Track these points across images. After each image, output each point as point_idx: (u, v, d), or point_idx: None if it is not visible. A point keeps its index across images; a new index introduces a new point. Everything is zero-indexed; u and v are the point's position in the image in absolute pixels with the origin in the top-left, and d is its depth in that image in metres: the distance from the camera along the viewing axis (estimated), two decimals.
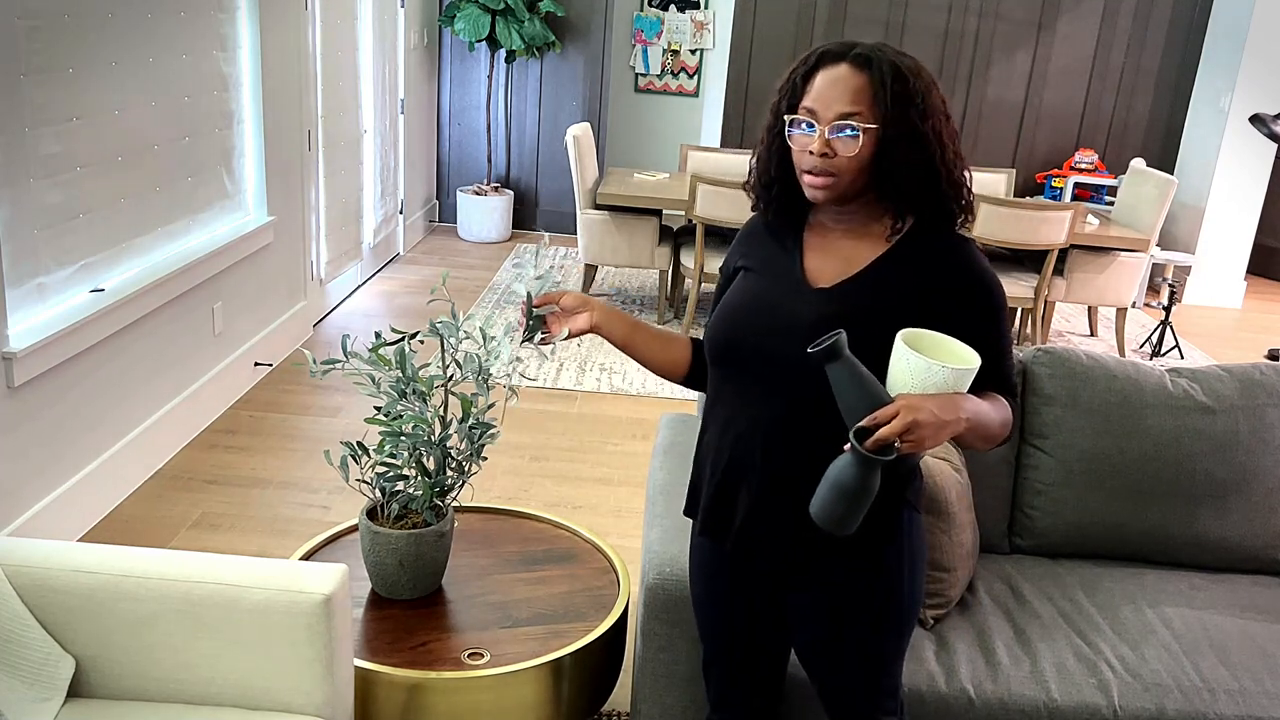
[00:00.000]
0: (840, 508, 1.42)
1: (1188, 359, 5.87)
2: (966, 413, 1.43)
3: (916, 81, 1.55)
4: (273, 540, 3.31)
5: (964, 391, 1.45)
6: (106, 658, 1.82)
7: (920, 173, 1.56)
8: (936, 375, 1.41)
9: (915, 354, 1.41)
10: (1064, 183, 7.36)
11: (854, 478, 1.40)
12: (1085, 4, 7.48)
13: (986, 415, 1.50)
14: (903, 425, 1.37)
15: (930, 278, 1.58)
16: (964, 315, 1.58)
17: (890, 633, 1.72)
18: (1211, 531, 2.49)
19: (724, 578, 1.78)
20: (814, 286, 1.62)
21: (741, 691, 1.88)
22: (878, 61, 1.54)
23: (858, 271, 1.61)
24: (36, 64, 2.91)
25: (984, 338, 1.58)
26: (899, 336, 1.44)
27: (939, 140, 1.56)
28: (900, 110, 1.53)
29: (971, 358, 1.46)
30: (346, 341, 2.18)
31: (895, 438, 1.38)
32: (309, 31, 4.90)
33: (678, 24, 7.54)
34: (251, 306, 4.45)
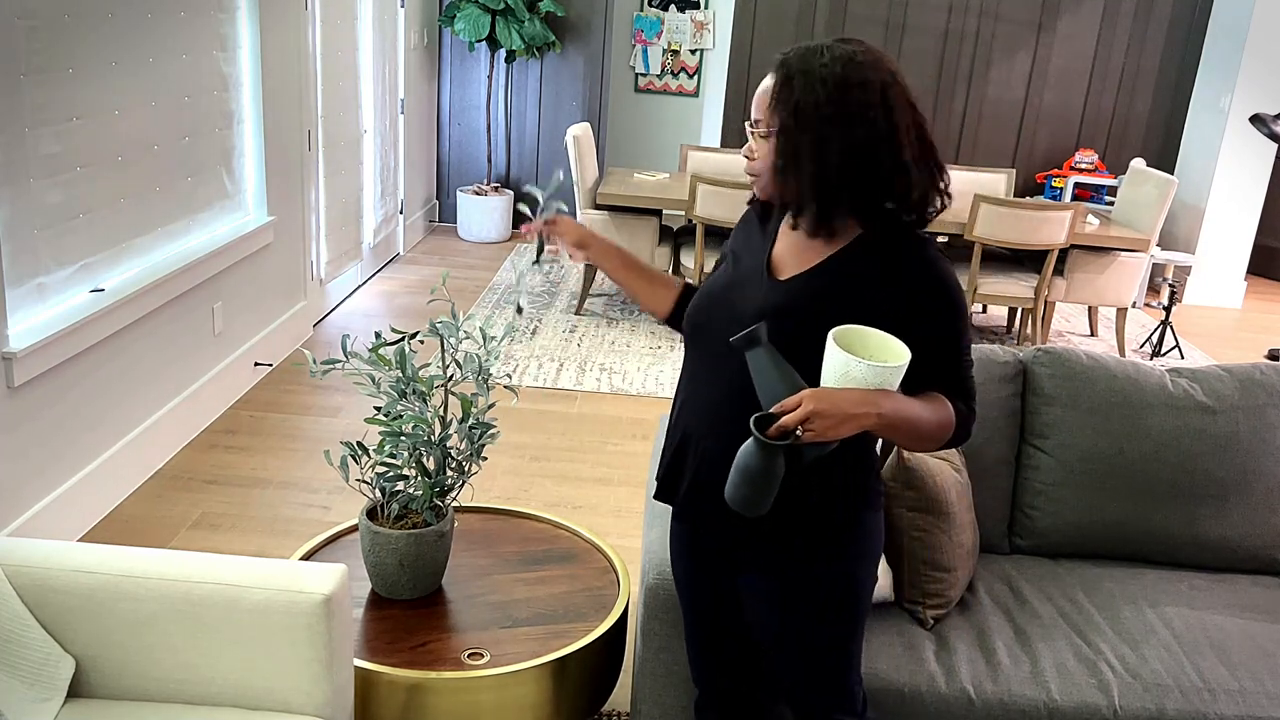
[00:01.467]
0: (745, 490, 1.49)
1: (1188, 359, 5.87)
2: (880, 409, 1.46)
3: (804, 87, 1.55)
4: (273, 540, 3.31)
5: (890, 388, 1.48)
6: (106, 658, 1.82)
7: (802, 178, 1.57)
8: (855, 370, 1.45)
9: (836, 349, 1.46)
10: (1064, 183, 7.36)
11: (756, 462, 1.46)
12: (1085, 4, 7.48)
13: (912, 414, 1.52)
14: (803, 414, 1.43)
15: (885, 277, 1.60)
16: (918, 315, 1.59)
17: (834, 626, 1.74)
18: (1211, 531, 2.49)
19: (690, 557, 1.86)
20: (774, 277, 1.68)
21: (713, 672, 1.95)
22: (784, 65, 1.59)
23: (811, 266, 1.65)
24: (36, 64, 2.91)
25: (936, 339, 1.59)
26: (830, 334, 1.49)
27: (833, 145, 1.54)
28: (793, 115, 1.56)
29: (899, 355, 1.49)
30: (346, 341, 2.18)
31: (796, 426, 1.43)
32: (309, 31, 4.90)
33: (678, 24, 7.54)
34: (251, 306, 4.45)
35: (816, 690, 1.81)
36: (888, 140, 1.55)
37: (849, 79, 1.54)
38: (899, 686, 2.04)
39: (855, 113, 1.54)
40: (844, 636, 1.77)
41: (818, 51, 1.57)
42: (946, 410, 1.60)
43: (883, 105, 1.54)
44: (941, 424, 1.58)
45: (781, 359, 1.48)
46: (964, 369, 1.64)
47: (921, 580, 2.21)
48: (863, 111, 1.54)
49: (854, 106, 1.54)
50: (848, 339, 1.51)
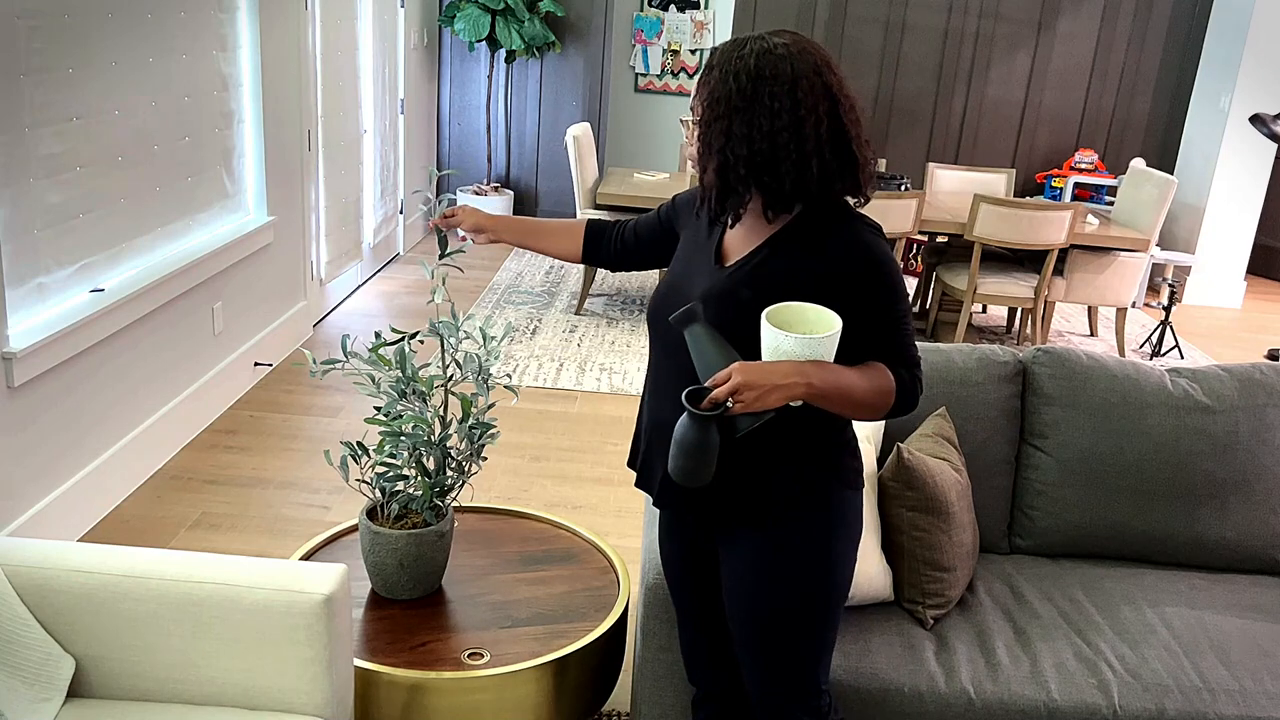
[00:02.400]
0: (681, 461, 1.54)
1: (1188, 359, 5.87)
2: (809, 378, 1.53)
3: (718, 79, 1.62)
4: (273, 540, 3.31)
5: (824, 358, 1.55)
6: (106, 658, 1.82)
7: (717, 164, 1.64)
8: (785, 344, 1.52)
9: (766, 325, 1.53)
10: (1064, 183, 7.36)
11: (690, 434, 1.52)
12: (1085, 4, 7.48)
13: (844, 383, 1.58)
14: (731, 386, 1.50)
15: (820, 254, 1.65)
16: (853, 289, 1.64)
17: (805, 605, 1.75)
18: (1211, 531, 2.49)
19: (674, 544, 1.92)
20: (720, 264, 1.74)
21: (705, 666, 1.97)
22: (710, 56, 1.68)
23: (750, 250, 1.71)
24: (36, 64, 2.91)
25: (871, 310, 1.64)
26: (764, 312, 1.56)
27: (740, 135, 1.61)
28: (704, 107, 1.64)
29: (827, 326, 1.56)
30: (346, 341, 2.18)
31: (725, 398, 1.50)
32: (309, 31, 4.90)
33: (678, 24, 7.54)
34: (251, 306, 4.45)
35: (781, 684, 1.81)
36: (791, 132, 1.60)
37: (760, 71, 1.60)
38: (899, 686, 2.04)
39: (761, 103, 1.60)
40: (814, 620, 1.77)
41: (741, 44, 1.65)
42: (885, 378, 1.64)
43: (789, 96, 1.60)
44: (879, 390, 1.63)
45: (718, 335, 1.56)
46: (902, 337, 1.68)
47: (921, 580, 2.21)
48: (770, 103, 1.60)
49: (762, 98, 1.60)
50: (784, 316, 1.58)
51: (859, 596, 2.20)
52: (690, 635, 1.98)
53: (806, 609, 1.76)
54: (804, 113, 1.60)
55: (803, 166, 1.61)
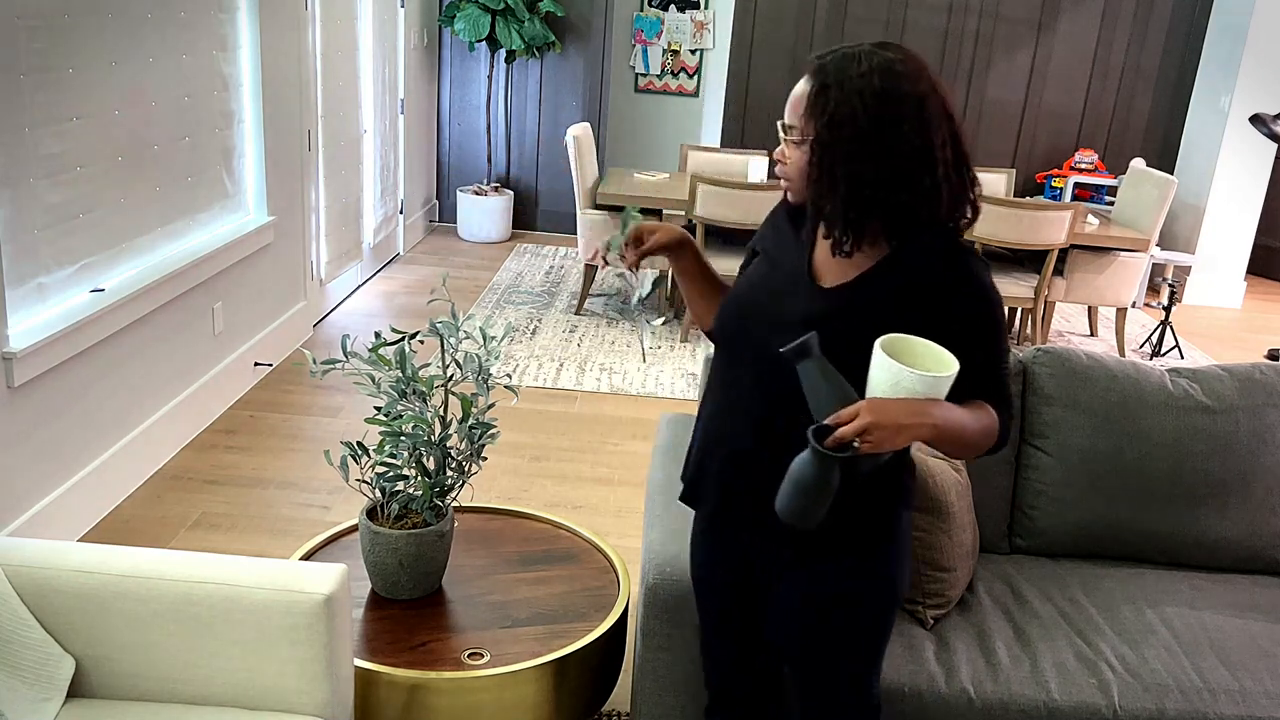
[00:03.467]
0: (799, 502, 1.46)
1: (1188, 359, 5.87)
2: (934, 419, 1.45)
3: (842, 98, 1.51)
4: (273, 540, 3.31)
5: (939, 397, 1.46)
6: (106, 658, 1.82)
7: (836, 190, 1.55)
8: (906, 380, 1.43)
9: (887, 358, 1.44)
10: (1064, 183, 7.36)
11: (812, 474, 1.44)
12: (1085, 4, 7.48)
13: (961, 423, 1.51)
14: (860, 426, 1.41)
15: (928, 285, 1.58)
16: (959, 324, 1.57)
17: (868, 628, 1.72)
18: (1211, 531, 2.49)
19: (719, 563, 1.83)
20: (817, 284, 1.65)
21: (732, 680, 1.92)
22: (819, 72, 1.55)
23: (858, 275, 1.62)
24: (36, 64, 2.91)
25: (976, 347, 1.58)
26: (877, 342, 1.47)
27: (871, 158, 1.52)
28: (823, 122, 1.53)
29: (948, 365, 1.47)
30: (346, 341, 2.18)
31: (854, 437, 1.41)
32: (309, 31, 4.90)
33: (678, 24, 7.54)
34: (251, 306, 4.45)
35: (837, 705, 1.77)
36: (921, 157, 1.52)
37: (886, 92, 1.51)
38: (899, 686, 2.04)
39: (890, 129, 1.51)
40: (876, 643, 1.74)
41: (855, 59, 1.53)
42: (990, 418, 1.59)
43: (918, 119, 1.51)
44: (986, 432, 1.57)
45: (833, 370, 1.47)
46: (1004, 377, 1.63)
47: (921, 580, 2.21)
48: (897, 127, 1.51)
49: (889, 123, 1.51)
50: (895, 348, 1.49)
51: None
52: (715, 647, 1.91)
53: (870, 634, 1.72)
54: (932, 136, 1.52)
55: (934, 191, 1.54)
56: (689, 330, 5.65)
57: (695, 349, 5.47)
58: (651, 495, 2.39)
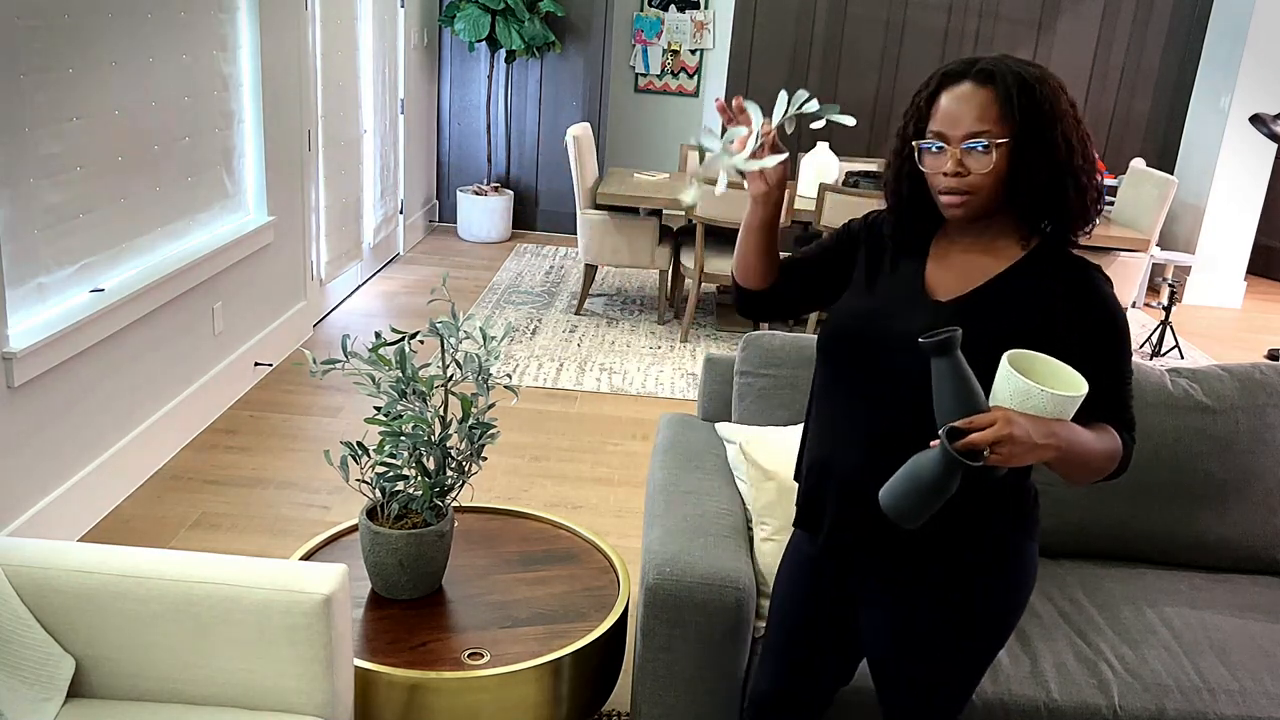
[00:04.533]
0: (911, 500, 1.42)
1: (1188, 359, 5.87)
2: (1062, 440, 1.41)
3: (1043, 89, 1.52)
4: (273, 540, 3.31)
5: (1066, 418, 1.43)
6: (106, 658, 1.82)
7: (1055, 180, 1.53)
8: (1036, 398, 1.39)
9: (1017, 375, 1.40)
10: None
11: (933, 474, 1.39)
12: (1085, 4, 7.48)
13: (1087, 446, 1.47)
14: (995, 435, 1.36)
15: (1054, 300, 1.55)
16: (1084, 342, 1.54)
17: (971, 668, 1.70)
18: (1211, 531, 2.49)
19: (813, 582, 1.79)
20: (933, 299, 1.62)
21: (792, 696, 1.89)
22: (1001, 74, 1.53)
23: (978, 286, 1.59)
24: (36, 64, 2.91)
25: (1102, 367, 1.54)
26: (1005, 356, 1.43)
27: (1069, 145, 1.53)
28: (1028, 120, 1.51)
29: (1077, 386, 1.44)
30: (346, 341, 2.18)
31: (985, 446, 1.37)
32: (309, 31, 4.90)
33: (678, 24, 7.54)
34: (251, 306, 4.45)
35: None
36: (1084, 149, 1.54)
37: (1051, 80, 1.53)
38: None
39: (1068, 110, 1.53)
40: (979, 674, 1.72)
41: (1013, 62, 1.54)
42: (1115, 443, 1.55)
43: (1074, 120, 1.54)
44: (1110, 456, 1.53)
45: (970, 372, 1.41)
46: (1127, 399, 1.59)
47: None
48: (1071, 109, 1.53)
49: (1065, 104, 1.53)
50: (1021, 364, 1.45)
51: None
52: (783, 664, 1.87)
53: (971, 663, 1.70)
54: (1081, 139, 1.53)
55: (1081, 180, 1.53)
56: (689, 330, 5.65)
57: (695, 349, 5.47)
58: (652, 495, 2.39)
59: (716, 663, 2.07)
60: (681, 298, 6.19)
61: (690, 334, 5.68)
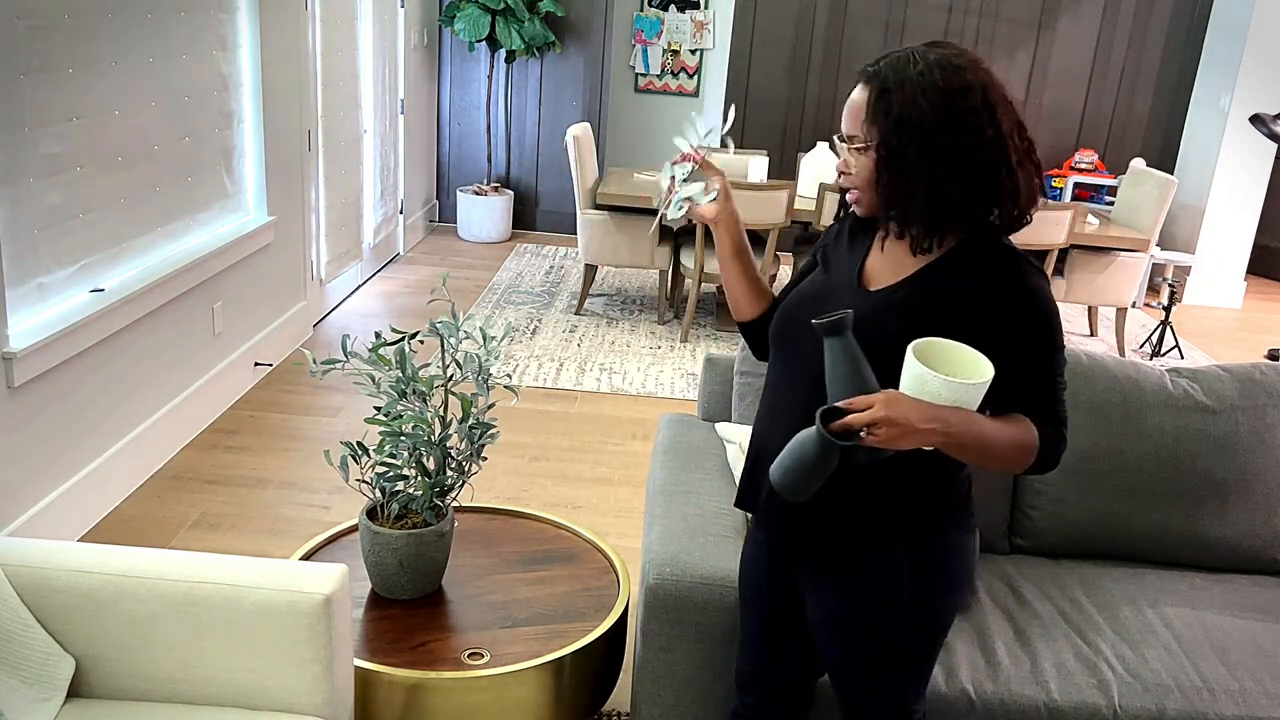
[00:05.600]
0: (792, 475, 1.46)
1: (1188, 359, 5.87)
2: (948, 426, 1.41)
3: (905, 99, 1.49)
4: (273, 540, 3.31)
5: (968, 406, 1.43)
6: (106, 658, 1.82)
7: (914, 193, 1.52)
8: (931, 384, 1.41)
9: (915, 361, 1.41)
10: (1064, 183, 7.36)
11: (812, 452, 1.43)
12: (1085, 4, 7.48)
13: (985, 435, 1.47)
14: (871, 418, 1.38)
15: (979, 292, 1.54)
16: (1010, 333, 1.53)
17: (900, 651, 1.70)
18: (1211, 531, 2.49)
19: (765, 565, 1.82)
20: (865, 288, 1.64)
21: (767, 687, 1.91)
22: (875, 77, 1.53)
23: (906, 276, 1.60)
24: (36, 64, 2.91)
25: (1027, 359, 1.54)
26: (911, 344, 1.44)
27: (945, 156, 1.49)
28: (889, 126, 1.50)
29: (979, 373, 1.44)
30: (346, 341, 2.18)
31: (861, 427, 1.39)
32: (309, 31, 4.90)
33: (678, 24, 7.54)
34: (251, 306, 4.45)
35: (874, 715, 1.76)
36: (998, 146, 1.50)
37: (950, 85, 1.48)
38: None
39: (960, 122, 1.48)
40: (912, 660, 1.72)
41: (910, 60, 1.51)
42: (1027, 434, 1.53)
43: (986, 108, 1.49)
44: (1019, 447, 1.52)
45: (860, 355, 1.44)
46: (1054, 392, 1.57)
47: None
48: (966, 120, 1.48)
49: (958, 116, 1.48)
50: (931, 352, 1.46)
51: None
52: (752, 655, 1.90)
53: (904, 650, 1.70)
54: (1002, 122, 1.49)
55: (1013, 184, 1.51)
56: (689, 330, 5.65)
57: (695, 349, 5.47)
58: (651, 495, 2.39)
59: (716, 663, 2.07)
60: (681, 298, 6.19)
61: (690, 334, 5.68)
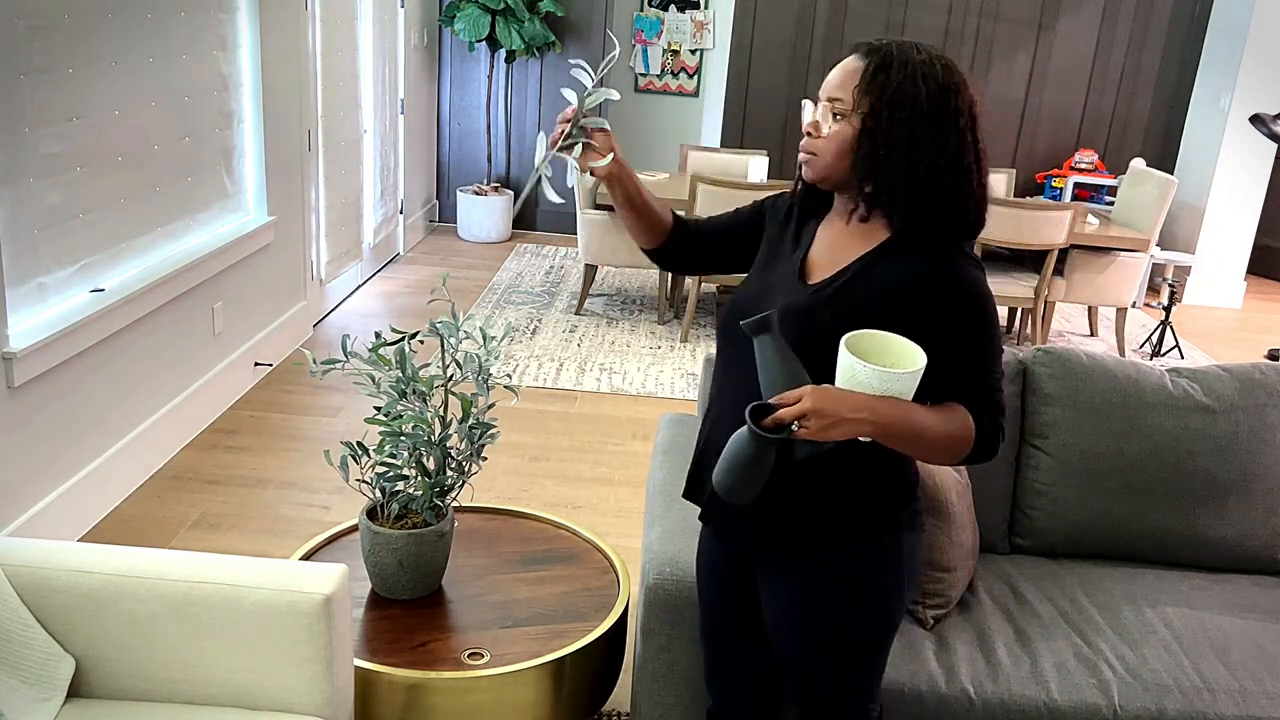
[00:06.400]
0: (732, 477, 1.47)
1: (1188, 359, 5.87)
2: (879, 415, 1.43)
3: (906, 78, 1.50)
4: (273, 540, 3.31)
5: (901, 395, 1.44)
6: (106, 658, 1.82)
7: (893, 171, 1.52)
8: (862, 374, 1.42)
9: (845, 352, 1.44)
10: (1064, 183, 7.36)
11: (746, 452, 1.44)
12: (1085, 4, 7.48)
13: (917, 424, 1.47)
14: (800, 411, 1.40)
15: (914, 284, 1.55)
16: (945, 324, 1.53)
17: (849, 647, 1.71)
18: (1211, 531, 2.49)
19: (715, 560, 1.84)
20: (805, 281, 1.65)
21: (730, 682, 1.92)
22: (879, 51, 1.53)
23: (842, 268, 1.61)
24: (36, 64, 2.91)
25: (962, 349, 1.54)
26: (845, 336, 1.46)
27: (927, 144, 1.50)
28: (880, 102, 1.51)
29: (910, 362, 1.45)
30: (346, 341, 2.18)
31: (791, 420, 1.40)
32: (309, 31, 4.90)
33: (678, 24, 7.54)
34: (251, 306, 4.45)
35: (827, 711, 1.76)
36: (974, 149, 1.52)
37: (949, 83, 1.50)
38: (899, 686, 2.04)
39: (948, 120, 1.50)
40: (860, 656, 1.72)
41: (913, 47, 1.52)
42: (963, 424, 1.53)
43: (970, 115, 1.51)
44: (954, 437, 1.52)
45: (789, 350, 1.46)
46: (990, 382, 1.56)
47: (921, 580, 2.21)
48: (955, 120, 1.50)
49: (951, 112, 1.50)
50: (866, 344, 1.47)
51: None
52: (713, 651, 1.92)
53: (853, 647, 1.70)
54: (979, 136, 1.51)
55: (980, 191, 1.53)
56: (689, 330, 5.65)
57: (695, 349, 5.47)
58: (651, 495, 2.39)
59: None
60: (681, 298, 6.19)
61: (690, 334, 5.68)
